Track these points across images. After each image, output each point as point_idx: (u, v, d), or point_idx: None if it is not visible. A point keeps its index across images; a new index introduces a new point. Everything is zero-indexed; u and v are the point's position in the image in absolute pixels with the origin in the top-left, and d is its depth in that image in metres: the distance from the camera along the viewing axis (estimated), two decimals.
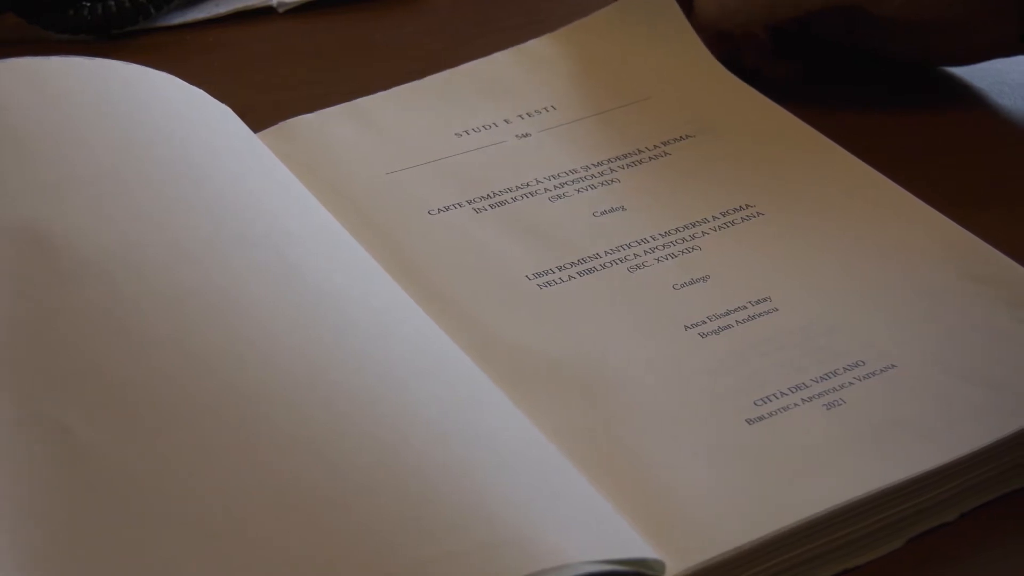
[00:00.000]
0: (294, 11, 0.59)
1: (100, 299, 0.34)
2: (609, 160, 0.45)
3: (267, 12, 0.59)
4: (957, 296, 0.38)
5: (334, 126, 0.46)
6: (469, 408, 0.33)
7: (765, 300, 0.38)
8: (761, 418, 0.34)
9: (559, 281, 0.39)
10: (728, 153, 0.45)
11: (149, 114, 0.41)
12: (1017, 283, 0.38)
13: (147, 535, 0.29)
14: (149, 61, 0.44)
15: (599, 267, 0.40)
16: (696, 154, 0.45)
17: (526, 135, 0.46)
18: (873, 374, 0.35)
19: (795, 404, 0.35)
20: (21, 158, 0.38)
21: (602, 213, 0.42)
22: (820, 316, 0.38)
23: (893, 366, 0.36)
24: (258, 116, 0.46)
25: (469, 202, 0.42)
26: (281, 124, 0.46)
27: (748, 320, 0.37)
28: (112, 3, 0.56)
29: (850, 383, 0.35)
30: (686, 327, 0.37)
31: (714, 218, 0.42)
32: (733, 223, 0.41)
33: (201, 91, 0.43)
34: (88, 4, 0.56)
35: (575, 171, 0.44)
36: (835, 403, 0.35)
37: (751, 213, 0.42)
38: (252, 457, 0.30)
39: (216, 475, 0.30)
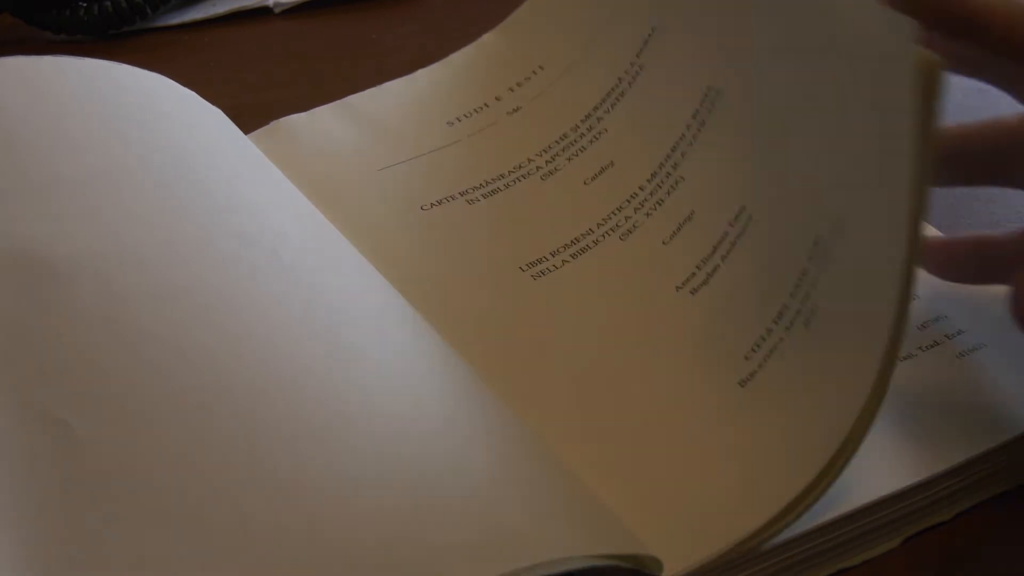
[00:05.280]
0: (291, 11, 0.59)
1: (93, 297, 0.34)
2: (596, 107, 0.43)
3: (264, 12, 0.59)
4: None
5: (325, 124, 0.46)
6: (463, 406, 0.32)
7: (741, 212, 0.36)
8: (752, 375, 0.33)
9: (552, 269, 0.39)
10: (691, 40, 0.41)
11: (139, 114, 0.40)
12: None
13: (145, 528, 0.29)
14: (145, 61, 0.44)
15: (592, 244, 0.39)
16: (666, 57, 0.42)
17: (517, 109, 0.45)
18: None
19: (781, 339, 0.32)
20: (11, 158, 0.38)
21: (593, 178, 0.42)
22: (801, 221, 0.33)
23: None
24: (255, 116, 0.46)
25: (462, 194, 0.42)
26: (272, 124, 0.46)
27: (731, 250, 0.35)
28: (109, 3, 0.56)
29: (821, 296, 0.32)
30: (677, 288, 0.36)
31: (688, 127, 0.39)
32: (704, 123, 0.38)
33: (192, 92, 0.43)
34: (85, 4, 0.56)
35: (565, 135, 0.43)
36: (812, 317, 0.32)
37: (715, 98, 0.38)
38: (248, 452, 0.30)
39: (212, 469, 0.30)
